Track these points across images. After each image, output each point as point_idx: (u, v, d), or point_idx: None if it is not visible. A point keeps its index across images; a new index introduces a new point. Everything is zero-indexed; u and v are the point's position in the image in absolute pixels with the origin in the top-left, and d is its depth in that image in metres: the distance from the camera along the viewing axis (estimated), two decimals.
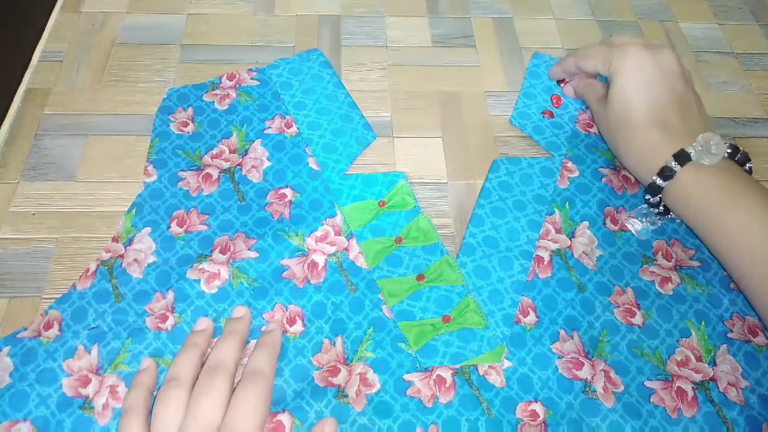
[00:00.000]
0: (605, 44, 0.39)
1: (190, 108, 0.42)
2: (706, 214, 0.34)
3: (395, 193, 0.39)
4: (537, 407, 0.32)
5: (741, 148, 0.35)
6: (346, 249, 0.36)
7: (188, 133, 0.41)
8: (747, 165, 0.36)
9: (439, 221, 0.39)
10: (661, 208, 0.37)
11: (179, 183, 0.38)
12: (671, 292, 0.36)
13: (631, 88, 0.36)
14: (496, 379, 0.32)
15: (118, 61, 0.45)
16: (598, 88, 0.41)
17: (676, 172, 0.34)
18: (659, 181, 0.35)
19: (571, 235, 0.38)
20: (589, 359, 0.33)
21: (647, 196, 0.36)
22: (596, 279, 0.36)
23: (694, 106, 0.37)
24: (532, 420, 0.31)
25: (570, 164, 0.41)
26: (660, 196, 0.36)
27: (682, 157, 0.34)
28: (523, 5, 0.51)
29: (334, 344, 0.33)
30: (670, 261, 0.37)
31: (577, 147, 0.42)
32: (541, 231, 0.38)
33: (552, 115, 0.43)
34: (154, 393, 0.30)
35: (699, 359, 0.34)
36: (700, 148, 0.34)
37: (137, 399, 0.29)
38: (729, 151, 0.35)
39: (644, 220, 0.37)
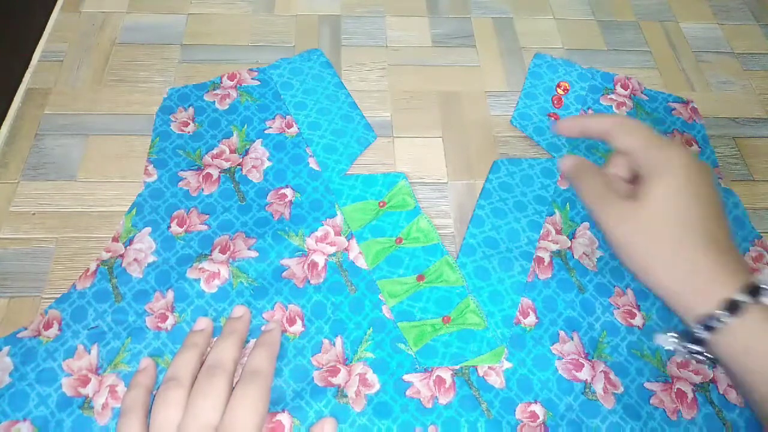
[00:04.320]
0: (646, 128, 0.31)
1: (190, 108, 0.42)
2: None
3: (395, 193, 0.39)
4: (537, 408, 0.32)
5: None
6: (346, 249, 0.36)
7: (189, 132, 0.41)
8: None
9: (440, 221, 0.39)
10: (693, 347, 0.28)
11: (180, 183, 0.38)
12: None
13: (688, 193, 0.29)
14: (496, 380, 0.32)
15: (118, 61, 0.45)
16: (621, 183, 0.32)
17: (746, 304, 0.26)
18: (724, 317, 0.26)
19: (572, 236, 0.38)
20: (589, 360, 0.33)
21: (696, 331, 0.27)
22: (596, 280, 0.36)
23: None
24: (531, 421, 0.31)
25: None
26: (707, 336, 0.27)
27: (753, 291, 0.26)
28: (523, 5, 0.51)
29: (334, 344, 0.33)
30: None
31: (578, 148, 0.42)
32: (542, 232, 0.38)
33: (558, 118, 0.43)
34: (153, 392, 0.31)
35: None
36: None
37: (136, 399, 0.29)
38: None
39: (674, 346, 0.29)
